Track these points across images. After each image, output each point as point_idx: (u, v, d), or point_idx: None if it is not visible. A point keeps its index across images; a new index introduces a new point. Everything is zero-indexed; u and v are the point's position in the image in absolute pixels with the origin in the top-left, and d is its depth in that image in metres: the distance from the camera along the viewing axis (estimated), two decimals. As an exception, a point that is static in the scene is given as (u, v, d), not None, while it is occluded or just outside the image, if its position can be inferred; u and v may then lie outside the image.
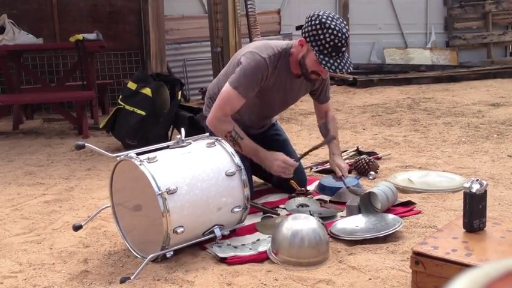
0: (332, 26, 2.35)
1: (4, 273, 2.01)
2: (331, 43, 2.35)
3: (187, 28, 6.94)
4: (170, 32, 6.76)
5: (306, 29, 2.41)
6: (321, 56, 2.38)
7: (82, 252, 2.18)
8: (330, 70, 2.39)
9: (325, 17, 2.38)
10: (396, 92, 6.83)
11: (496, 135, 4.12)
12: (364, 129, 4.63)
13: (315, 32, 2.37)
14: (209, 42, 6.03)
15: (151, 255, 1.97)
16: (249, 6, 5.93)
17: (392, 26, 9.38)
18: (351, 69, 2.46)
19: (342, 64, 2.40)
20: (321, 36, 2.36)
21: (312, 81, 2.61)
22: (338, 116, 5.30)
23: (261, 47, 2.53)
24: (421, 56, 9.27)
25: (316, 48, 2.38)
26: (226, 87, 2.48)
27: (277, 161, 2.50)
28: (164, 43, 5.95)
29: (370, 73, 8.17)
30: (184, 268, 1.98)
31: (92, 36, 5.10)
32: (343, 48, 2.39)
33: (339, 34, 2.35)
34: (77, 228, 2.24)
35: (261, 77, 2.47)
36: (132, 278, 1.89)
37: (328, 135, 2.78)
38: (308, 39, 2.40)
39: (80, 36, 4.96)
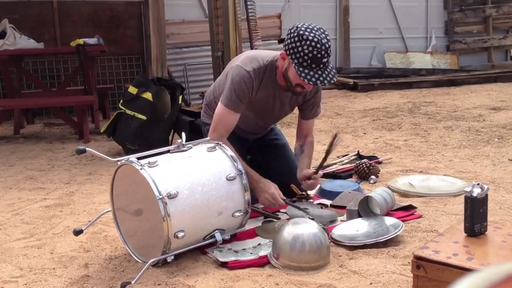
0: (310, 38, 2.29)
1: (5, 278, 2.01)
2: (310, 55, 2.29)
3: (188, 32, 6.96)
4: (171, 36, 6.78)
5: (287, 42, 2.36)
6: (300, 69, 2.32)
7: (83, 256, 2.18)
8: (310, 82, 2.32)
9: (303, 28, 2.32)
10: (397, 96, 6.83)
11: (496, 139, 4.12)
12: (364, 133, 4.63)
13: (293, 45, 2.32)
14: (210, 47, 6.04)
15: (152, 260, 1.97)
16: (249, 10, 5.95)
17: (392, 30, 9.40)
18: (335, 79, 2.38)
19: (324, 75, 2.33)
20: (300, 49, 2.30)
21: (298, 94, 2.53)
22: (339, 120, 5.30)
23: (247, 59, 2.51)
24: (422, 60, 9.28)
25: (296, 61, 2.32)
26: (218, 106, 2.50)
27: (266, 193, 2.45)
28: (165, 47, 5.97)
29: (370, 77, 8.18)
30: (185, 273, 1.98)
31: (92, 40, 5.12)
32: (324, 59, 2.31)
33: (318, 45, 2.28)
34: (77, 232, 2.24)
35: (247, 91, 2.46)
36: (132, 282, 1.88)
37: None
38: (288, 52, 2.35)
39: (80, 41, 4.97)
